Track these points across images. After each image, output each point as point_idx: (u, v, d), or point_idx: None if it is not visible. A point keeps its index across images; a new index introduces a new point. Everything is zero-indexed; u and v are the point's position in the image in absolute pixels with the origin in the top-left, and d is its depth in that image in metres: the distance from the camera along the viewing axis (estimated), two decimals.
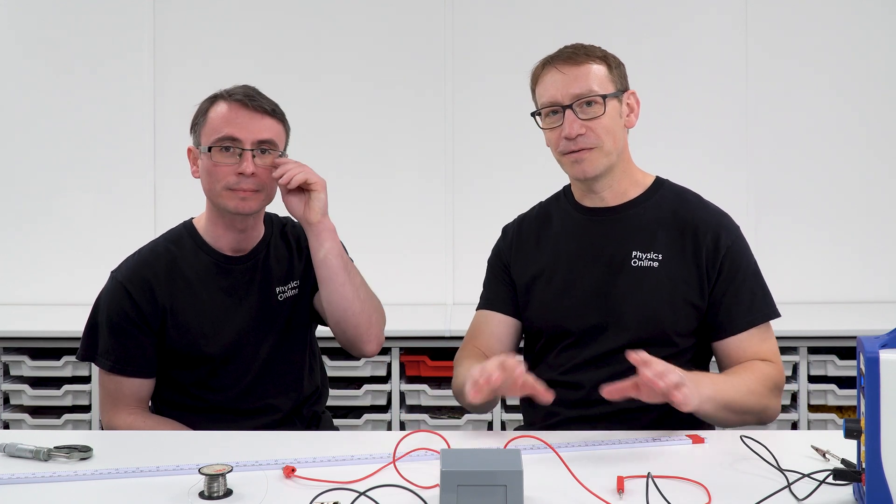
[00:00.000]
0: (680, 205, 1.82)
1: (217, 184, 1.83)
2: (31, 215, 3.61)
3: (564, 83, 1.77)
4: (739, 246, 1.79)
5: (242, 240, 1.92)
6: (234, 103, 1.84)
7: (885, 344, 1.17)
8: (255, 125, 1.83)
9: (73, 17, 3.59)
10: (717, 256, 1.76)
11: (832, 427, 2.98)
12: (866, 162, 3.58)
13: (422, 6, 3.60)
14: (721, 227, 1.78)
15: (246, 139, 1.82)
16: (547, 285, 1.84)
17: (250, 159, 1.81)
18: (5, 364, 3.05)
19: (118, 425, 1.85)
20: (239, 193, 1.82)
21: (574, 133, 1.75)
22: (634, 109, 1.82)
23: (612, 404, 1.74)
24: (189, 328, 1.87)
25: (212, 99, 1.89)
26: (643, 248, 1.78)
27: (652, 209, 1.82)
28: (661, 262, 1.77)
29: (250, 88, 1.88)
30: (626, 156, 1.83)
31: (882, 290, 3.56)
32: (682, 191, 1.87)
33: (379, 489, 1.22)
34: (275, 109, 1.87)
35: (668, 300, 1.75)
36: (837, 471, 1.22)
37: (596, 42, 1.85)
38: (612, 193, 1.83)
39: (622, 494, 1.28)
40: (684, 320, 1.76)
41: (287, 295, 1.95)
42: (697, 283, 1.76)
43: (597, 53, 1.79)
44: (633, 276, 1.77)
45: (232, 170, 1.81)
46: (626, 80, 1.82)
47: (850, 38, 3.56)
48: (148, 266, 1.89)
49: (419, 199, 3.62)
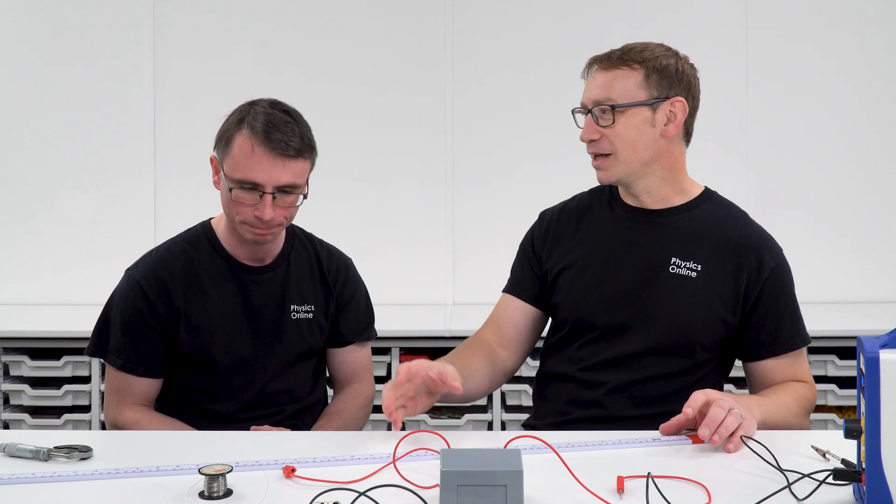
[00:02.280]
0: (726, 219, 1.80)
1: (236, 216, 1.80)
2: (31, 215, 3.61)
3: (591, 87, 1.76)
4: (783, 269, 1.78)
5: (260, 251, 1.90)
6: (258, 143, 1.74)
7: (885, 344, 1.17)
8: (276, 171, 1.75)
9: (72, 14, 3.59)
10: (759, 277, 1.75)
11: (832, 427, 2.98)
12: (866, 162, 3.58)
13: (422, 6, 3.60)
14: (765, 248, 1.77)
15: (267, 183, 1.75)
16: (579, 276, 1.83)
17: (270, 204, 1.76)
18: (5, 364, 3.05)
19: (123, 421, 1.85)
20: (257, 230, 1.80)
21: (586, 138, 1.76)
22: (675, 118, 1.74)
23: (627, 410, 1.75)
24: (200, 332, 1.86)
25: (238, 122, 1.79)
26: (683, 256, 1.76)
27: (696, 219, 1.79)
28: (700, 273, 1.75)
29: (278, 116, 1.78)
30: (667, 164, 1.78)
31: (882, 290, 3.56)
32: (730, 205, 1.84)
33: (379, 489, 1.22)
34: (300, 148, 1.77)
35: (701, 312, 1.74)
36: (837, 471, 1.22)
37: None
38: (650, 199, 1.81)
39: (622, 494, 1.28)
40: (712, 335, 1.75)
41: (300, 316, 1.93)
42: (732, 301, 1.75)
43: (636, 58, 1.73)
44: (670, 282, 1.75)
45: (251, 210, 1.77)
46: (670, 87, 1.74)
47: (850, 38, 3.56)
48: (165, 266, 1.88)
49: (419, 199, 3.62)
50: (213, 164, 1.86)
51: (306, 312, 1.94)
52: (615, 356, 1.77)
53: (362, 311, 2.03)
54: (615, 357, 1.77)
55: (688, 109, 1.76)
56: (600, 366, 1.78)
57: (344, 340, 2.01)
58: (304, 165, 1.80)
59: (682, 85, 1.75)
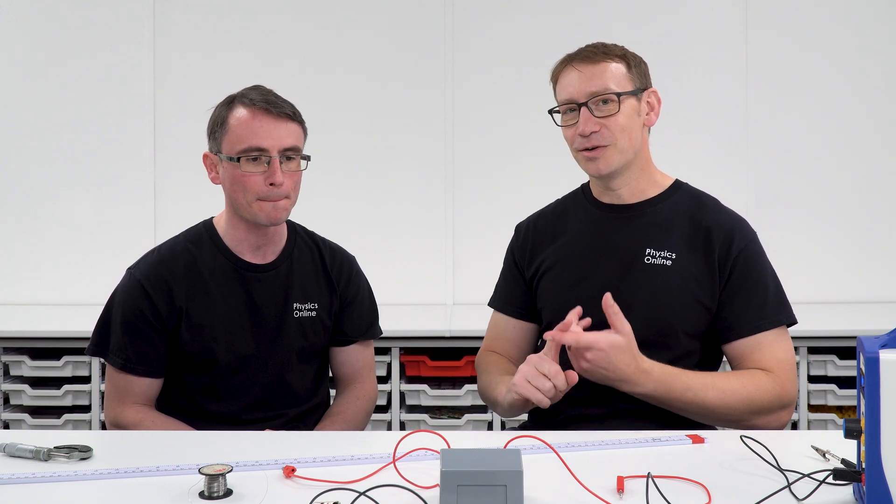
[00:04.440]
0: (697, 207, 1.83)
1: (247, 194, 1.81)
2: (31, 214, 3.61)
3: (581, 81, 1.78)
4: (752, 250, 1.79)
5: (265, 245, 1.91)
6: (257, 110, 1.81)
7: (885, 344, 1.17)
8: (279, 132, 1.80)
9: (72, 12, 3.59)
10: (728, 258, 1.76)
11: (832, 427, 2.98)
12: (866, 162, 3.58)
13: (422, 2, 3.60)
14: (735, 230, 1.79)
15: (272, 147, 1.79)
16: (558, 277, 1.86)
17: (279, 168, 1.79)
18: (5, 364, 3.05)
19: (124, 421, 1.85)
20: (270, 203, 1.81)
21: (588, 130, 1.77)
22: (655, 108, 1.83)
23: (614, 405, 1.75)
24: (202, 331, 1.86)
25: (228, 104, 1.84)
26: (657, 247, 1.79)
27: (668, 209, 1.83)
28: (675, 261, 1.77)
29: (266, 90, 1.86)
30: (645, 155, 1.84)
31: (882, 290, 3.56)
32: (700, 194, 1.87)
33: (379, 489, 1.22)
34: (295, 113, 1.84)
35: (679, 298, 1.76)
36: (837, 471, 1.22)
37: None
38: (629, 191, 1.84)
39: (622, 494, 1.28)
40: (694, 320, 1.76)
41: (303, 314, 1.93)
42: (709, 284, 1.76)
43: (616, 52, 1.80)
44: (645, 273, 1.78)
45: (261, 179, 1.79)
46: (647, 79, 1.83)
47: (850, 37, 3.56)
48: (167, 266, 1.88)
49: (419, 198, 3.62)
50: (207, 162, 1.88)
51: (310, 310, 1.94)
52: None
53: (366, 308, 2.03)
54: None
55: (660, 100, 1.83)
56: None
57: (347, 339, 2.00)
58: (300, 131, 1.85)
59: (649, 77, 1.84)
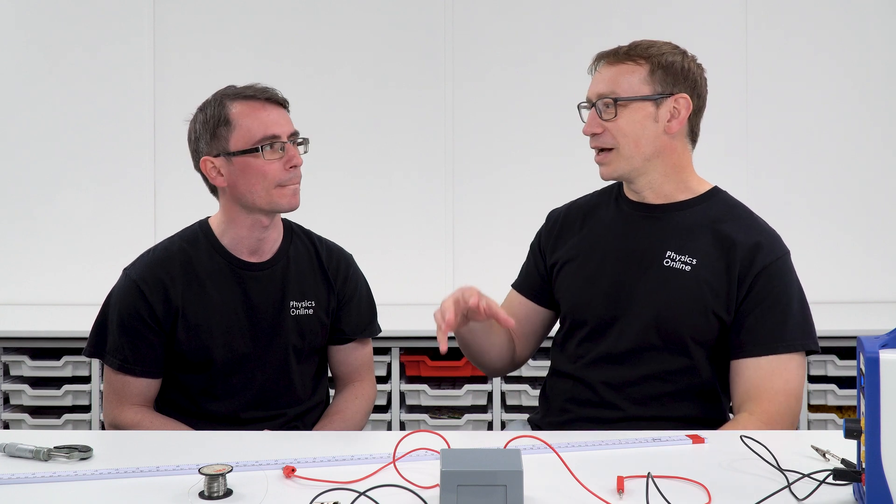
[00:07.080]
0: (728, 217, 1.77)
1: (268, 183, 1.82)
2: (30, 214, 3.61)
3: (597, 81, 1.78)
4: (778, 268, 1.72)
5: (263, 241, 1.90)
6: (256, 102, 1.84)
7: (885, 344, 1.17)
8: (284, 118, 1.86)
9: (71, 11, 3.58)
10: (749, 273, 1.71)
11: (832, 427, 2.98)
12: (867, 161, 3.58)
13: (422, 2, 3.60)
14: (762, 245, 1.72)
15: (283, 133, 1.84)
16: (577, 270, 1.84)
17: (296, 150, 1.85)
18: (5, 364, 3.05)
19: (123, 422, 1.85)
20: (290, 188, 1.84)
21: (588, 131, 1.77)
22: (679, 115, 1.74)
23: (624, 410, 1.74)
24: (199, 331, 1.86)
25: (220, 104, 1.84)
26: (678, 250, 1.75)
27: (696, 215, 1.78)
28: (694, 267, 1.73)
29: (248, 84, 1.88)
30: (671, 161, 1.77)
31: (882, 290, 3.56)
32: (736, 205, 1.81)
33: (379, 489, 1.22)
34: (285, 98, 1.90)
35: (693, 304, 1.72)
36: (837, 471, 1.22)
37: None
38: (652, 194, 1.80)
39: (622, 494, 1.28)
40: (704, 328, 1.72)
41: (300, 312, 1.92)
42: (726, 295, 1.71)
43: (642, 54, 1.74)
44: (663, 275, 1.74)
45: (280, 165, 1.82)
46: (675, 84, 1.74)
47: (850, 36, 3.56)
48: (162, 266, 1.88)
49: (419, 198, 3.62)
50: (206, 167, 1.85)
51: (307, 308, 1.93)
52: (607, 352, 1.77)
53: (364, 307, 2.03)
54: (608, 353, 1.76)
55: (692, 107, 1.75)
56: (594, 363, 1.78)
57: (345, 337, 2.00)
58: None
59: (687, 83, 1.76)
